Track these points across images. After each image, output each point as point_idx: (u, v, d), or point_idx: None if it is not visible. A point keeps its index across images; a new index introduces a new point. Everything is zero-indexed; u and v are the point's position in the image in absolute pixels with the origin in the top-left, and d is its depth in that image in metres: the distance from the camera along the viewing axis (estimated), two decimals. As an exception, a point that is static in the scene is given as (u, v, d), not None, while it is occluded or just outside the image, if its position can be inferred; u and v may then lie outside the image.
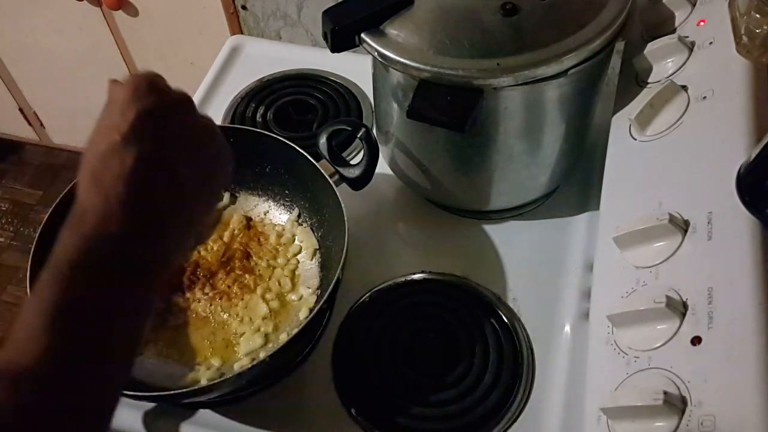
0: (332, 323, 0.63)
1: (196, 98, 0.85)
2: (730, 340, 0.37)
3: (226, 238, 0.67)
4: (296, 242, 0.67)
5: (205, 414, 0.59)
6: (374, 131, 0.67)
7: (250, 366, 0.52)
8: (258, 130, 0.67)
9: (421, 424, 0.56)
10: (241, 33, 1.01)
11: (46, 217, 0.59)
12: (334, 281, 0.55)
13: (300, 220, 0.68)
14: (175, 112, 0.36)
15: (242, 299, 0.63)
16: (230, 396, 0.58)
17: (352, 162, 0.64)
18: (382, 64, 0.56)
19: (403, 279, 0.66)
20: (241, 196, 0.70)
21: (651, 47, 0.55)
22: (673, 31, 0.55)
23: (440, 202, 0.71)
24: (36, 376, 0.31)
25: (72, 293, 0.32)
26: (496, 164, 0.62)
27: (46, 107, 1.44)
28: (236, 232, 0.68)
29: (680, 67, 0.53)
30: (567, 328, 0.61)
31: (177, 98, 0.37)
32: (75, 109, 1.39)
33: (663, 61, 0.54)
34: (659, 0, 0.58)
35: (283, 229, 0.68)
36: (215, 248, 0.66)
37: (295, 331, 0.53)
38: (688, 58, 0.52)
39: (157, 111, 0.35)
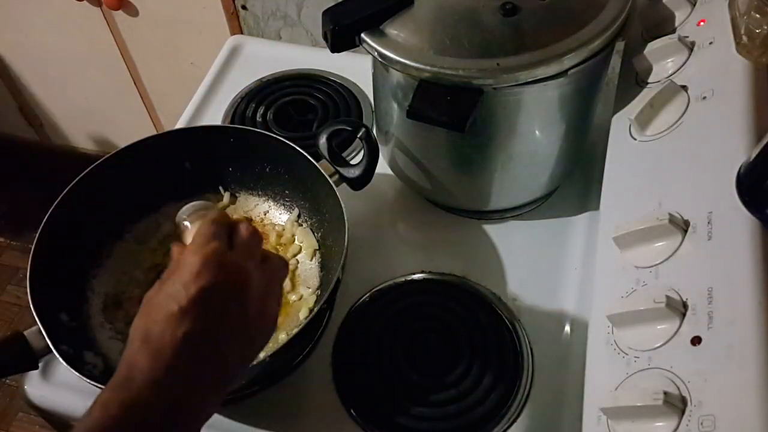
0: (332, 323, 0.63)
1: (196, 98, 0.85)
2: (730, 340, 0.37)
3: (226, 238, 0.67)
4: (296, 242, 0.67)
5: (205, 414, 0.58)
6: (374, 131, 0.67)
7: (249, 366, 0.52)
8: (258, 130, 0.67)
9: (421, 424, 0.56)
10: (241, 33, 1.01)
11: (46, 217, 0.59)
12: (334, 281, 0.55)
13: (300, 221, 0.68)
14: (234, 292, 0.38)
15: (242, 299, 0.63)
16: (230, 396, 0.58)
17: (352, 162, 0.64)
18: (382, 64, 0.56)
19: (403, 279, 0.66)
20: (241, 196, 0.70)
21: (651, 47, 0.55)
22: (673, 31, 0.55)
23: (440, 202, 0.71)
24: None
25: None
26: (496, 164, 0.62)
27: (46, 107, 1.44)
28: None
29: (680, 67, 0.52)
30: (567, 328, 0.61)
31: (241, 277, 0.38)
32: (75, 109, 1.39)
33: (663, 61, 0.54)
34: (659, 0, 0.58)
35: (283, 230, 0.68)
36: (215, 248, 0.66)
37: (295, 331, 0.53)
38: (688, 58, 0.52)
39: (217, 290, 0.37)
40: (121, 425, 0.33)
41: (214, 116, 0.82)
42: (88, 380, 0.50)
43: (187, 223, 0.44)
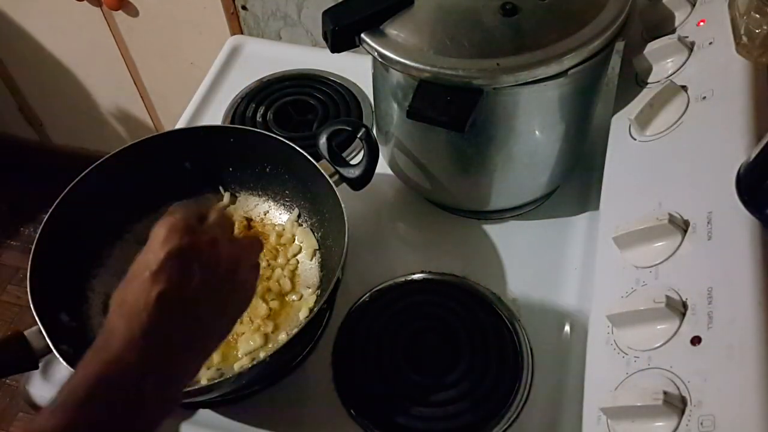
0: (332, 323, 0.63)
1: (196, 98, 0.85)
2: (729, 340, 0.37)
3: (226, 238, 0.67)
4: (296, 242, 0.67)
5: (205, 414, 0.59)
6: (374, 131, 0.67)
7: (250, 366, 0.53)
8: (258, 131, 0.67)
9: (421, 424, 0.56)
10: (242, 33, 1.01)
11: (46, 217, 0.59)
12: (334, 281, 0.55)
13: (300, 221, 0.68)
14: (201, 254, 0.39)
15: (242, 299, 0.63)
16: (230, 396, 0.58)
17: (352, 162, 0.64)
18: (382, 65, 0.56)
19: (403, 279, 0.66)
20: (241, 196, 0.70)
21: (651, 47, 0.55)
22: (673, 31, 0.55)
23: (440, 202, 0.71)
24: None
25: (84, 419, 0.34)
26: (496, 164, 0.62)
27: (46, 107, 1.44)
28: (236, 232, 0.68)
29: (680, 67, 0.52)
30: (567, 328, 0.61)
31: (207, 239, 0.40)
32: (75, 109, 1.39)
33: (663, 61, 0.54)
34: (659, 0, 0.58)
35: (283, 230, 0.68)
36: (215, 248, 0.66)
37: (295, 331, 0.53)
38: (687, 58, 0.52)
39: (185, 252, 0.38)
40: (101, 382, 0.35)
41: (214, 116, 0.82)
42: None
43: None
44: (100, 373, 0.35)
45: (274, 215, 0.69)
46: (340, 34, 0.55)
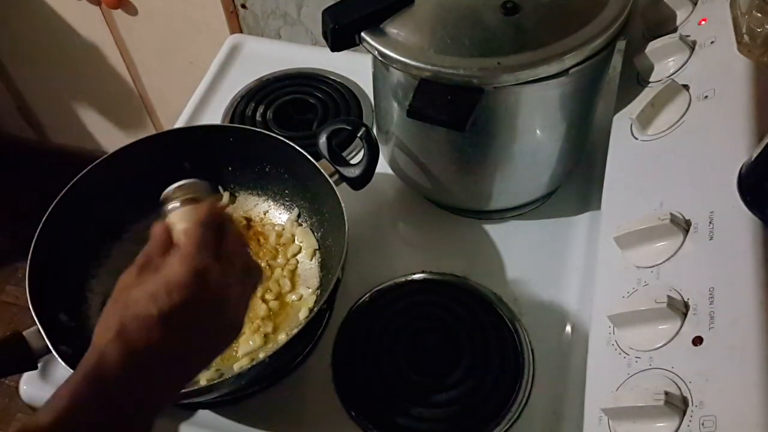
0: (332, 323, 0.63)
1: (196, 97, 0.84)
2: (731, 340, 0.37)
3: (225, 238, 0.67)
4: (296, 242, 0.67)
5: (204, 414, 0.58)
6: (374, 130, 0.67)
7: (249, 366, 0.52)
8: (258, 130, 0.66)
9: (422, 425, 0.56)
10: (241, 32, 1.01)
11: (45, 217, 0.59)
12: (334, 281, 0.55)
13: (300, 220, 0.68)
14: (214, 310, 0.39)
15: (242, 299, 0.63)
16: (230, 396, 0.58)
17: (352, 161, 0.64)
18: (382, 63, 0.56)
19: (403, 279, 0.65)
20: (241, 195, 0.70)
21: (652, 46, 0.55)
22: (675, 30, 0.55)
23: (441, 201, 0.71)
24: None
25: None
26: (497, 164, 0.62)
27: (45, 107, 1.43)
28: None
29: (681, 67, 0.52)
30: (568, 328, 0.61)
31: (221, 296, 0.40)
32: (74, 108, 1.38)
33: (664, 60, 0.54)
34: (660, -1, 0.58)
35: (283, 229, 0.68)
36: (215, 248, 0.66)
37: (295, 331, 0.53)
38: (689, 58, 0.52)
39: (198, 306, 0.38)
40: (92, 417, 0.35)
41: (214, 115, 0.82)
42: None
43: (172, 204, 0.43)
44: (90, 409, 0.35)
45: (274, 215, 0.69)
46: (340, 33, 0.55)
